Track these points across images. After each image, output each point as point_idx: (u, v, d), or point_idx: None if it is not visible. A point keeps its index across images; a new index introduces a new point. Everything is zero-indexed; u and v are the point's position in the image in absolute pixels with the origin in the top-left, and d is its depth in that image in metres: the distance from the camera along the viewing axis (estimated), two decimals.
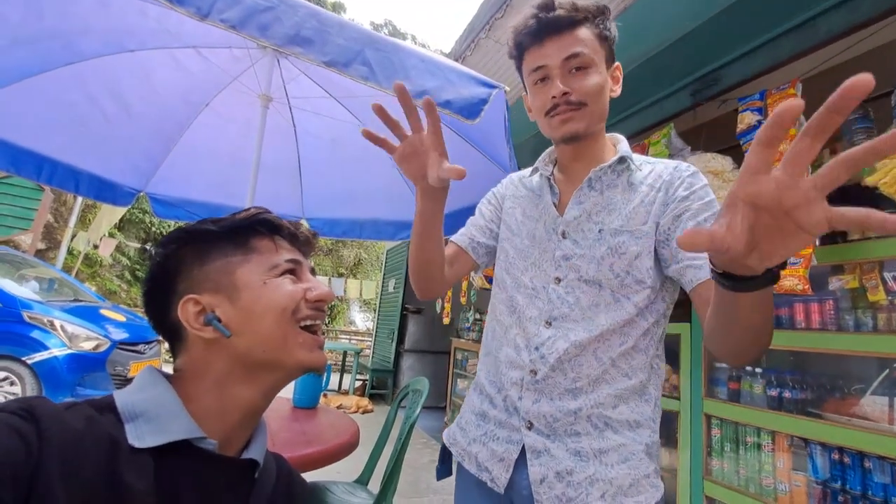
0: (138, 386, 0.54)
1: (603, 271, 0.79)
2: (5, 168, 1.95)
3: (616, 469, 0.73)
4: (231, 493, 0.55)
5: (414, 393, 1.89)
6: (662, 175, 0.83)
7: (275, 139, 2.36)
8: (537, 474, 0.75)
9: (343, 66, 1.02)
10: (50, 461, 0.42)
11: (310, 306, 0.60)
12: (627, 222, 0.80)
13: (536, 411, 0.78)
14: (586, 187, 0.85)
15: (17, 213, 7.67)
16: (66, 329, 3.69)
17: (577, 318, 0.79)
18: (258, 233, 0.62)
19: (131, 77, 1.95)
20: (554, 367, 0.78)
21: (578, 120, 0.81)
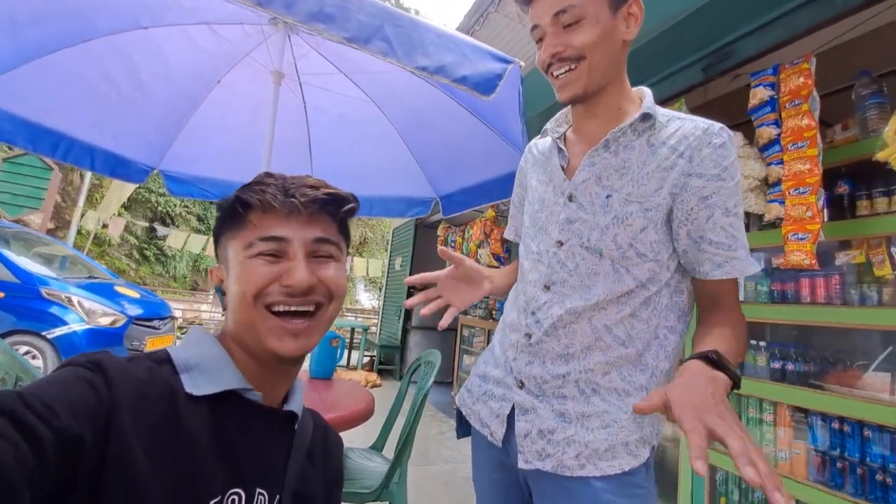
0: (190, 342, 0.59)
1: (605, 241, 0.76)
2: (23, 145, 1.99)
3: (595, 433, 0.74)
4: (275, 441, 0.60)
5: (426, 364, 1.95)
6: (689, 137, 0.74)
7: (285, 116, 2.37)
8: (522, 429, 0.79)
9: (364, 42, 1.04)
10: (120, 406, 0.46)
11: (282, 291, 0.58)
12: (638, 189, 0.75)
13: (528, 372, 0.80)
14: (602, 149, 0.79)
15: (28, 192, 7.74)
16: (83, 305, 3.79)
17: (575, 285, 0.78)
18: (250, 205, 0.59)
19: (145, 54, 1.96)
20: (548, 333, 0.79)
21: (575, 81, 0.76)
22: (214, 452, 0.52)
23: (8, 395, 0.41)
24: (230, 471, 0.53)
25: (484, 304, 4.69)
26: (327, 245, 0.62)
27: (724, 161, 0.73)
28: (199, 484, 0.50)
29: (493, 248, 4.26)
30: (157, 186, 15.76)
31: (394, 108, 2.31)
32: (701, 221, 0.73)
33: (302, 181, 0.61)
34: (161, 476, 0.47)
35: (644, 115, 0.77)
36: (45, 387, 0.44)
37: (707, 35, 2.26)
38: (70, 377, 0.46)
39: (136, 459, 0.45)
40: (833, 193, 1.82)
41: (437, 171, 2.55)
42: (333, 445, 0.74)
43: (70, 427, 0.41)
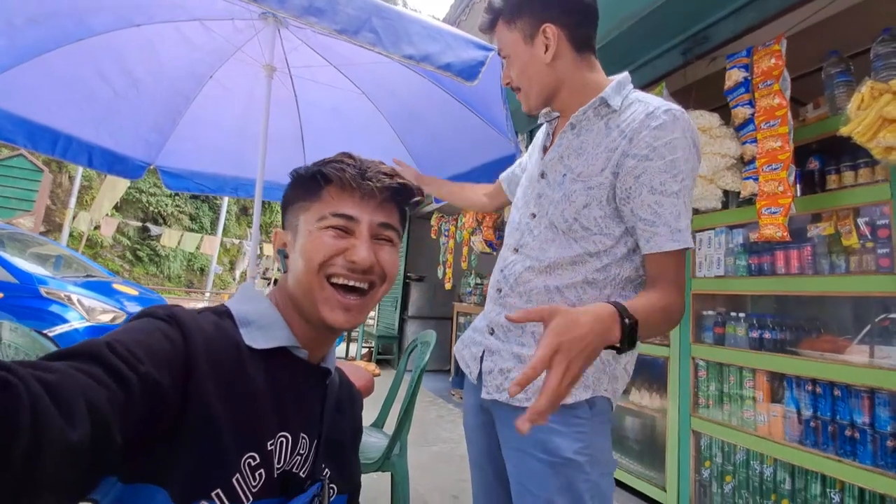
0: (245, 298, 0.66)
1: (556, 214, 0.87)
2: (23, 143, 2.03)
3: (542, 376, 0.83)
4: (313, 393, 0.68)
5: (422, 345, 2.04)
6: (634, 120, 0.81)
7: (277, 109, 2.43)
8: (487, 367, 0.92)
9: (353, 33, 1.11)
10: (196, 355, 0.52)
11: (344, 266, 0.63)
12: (586, 169, 0.84)
13: (497, 321, 0.92)
14: (568, 130, 0.89)
15: (19, 195, 7.72)
16: (83, 303, 3.83)
17: (535, 248, 0.90)
18: (329, 181, 0.64)
19: (139, 51, 2.00)
20: (512, 288, 0.91)
21: (525, 100, 0.93)
22: (269, 400, 0.59)
23: (97, 343, 0.45)
24: (280, 417, 0.60)
25: (478, 292, 4.78)
26: (389, 230, 0.67)
27: (657, 141, 0.77)
28: (259, 427, 0.57)
29: (486, 235, 4.34)
30: (147, 186, 15.66)
31: (384, 99, 2.37)
32: (635, 199, 0.80)
33: (377, 167, 0.65)
34: (231, 418, 0.53)
35: (601, 100, 0.85)
36: (128, 335, 0.48)
37: (685, 19, 2.33)
38: (149, 328, 0.51)
39: (211, 402, 0.51)
40: (804, 169, 1.91)
41: (428, 161, 2.61)
42: (356, 398, 0.81)
43: (151, 373, 0.46)
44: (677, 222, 0.78)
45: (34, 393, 0.35)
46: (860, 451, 1.63)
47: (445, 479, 2.70)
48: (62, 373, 0.39)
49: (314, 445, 0.65)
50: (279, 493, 0.58)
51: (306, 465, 0.63)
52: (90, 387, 0.40)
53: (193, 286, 17.54)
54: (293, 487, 0.60)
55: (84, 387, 0.40)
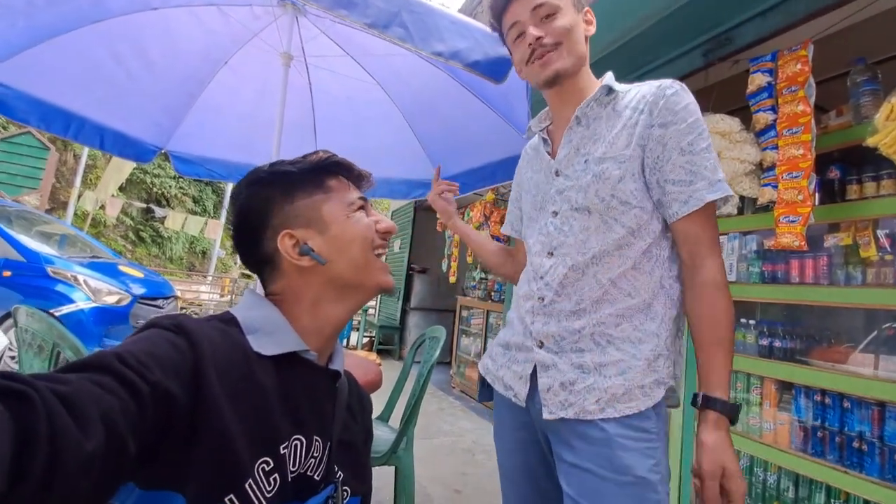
0: (250, 305, 0.65)
1: (590, 197, 0.86)
2: (36, 124, 2.02)
3: (612, 380, 0.81)
4: (324, 395, 0.68)
5: (431, 340, 2.04)
6: (646, 95, 0.86)
7: (291, 97, 2.39)
8: (545, 384, 0.86)
9: (383, 27, 1.09)
10: (204, 363, 0.52)
11: (379, 237, 0.71)
12: (610, 148, 0.86)
13: (545, 332, 0.88)
14: (574, 124, 0.91)
15: (25, 172, 7.71)
16: (89, 283, 3.84)
17: (573, 244, 0.87)
18: (330, 173, 0.71)
19: (154, 35, 1.98)
20: (557, 292, 0.87)
21: (557, 59, 0.88)
22: (281, 404, 0.59)
23: (107, 355, 0.46)
24: (293, 420, 0.60)
25: (483, 286, 4.78)
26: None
27: (677, 106, 0.82)
28: (272, 431, 0.57)
29: (493, 230, 4.33)
30: (152, 167, 15.62)
31: (399, 90, 2.35)
32: (664, 166, 0.82)
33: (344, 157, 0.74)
34: (242, 424, 0.53)
35: (604, 89, 0.90)
36: (136, 346, 0.49)
37: (708, 20, 2.29)
38: (156, 338, 0.52)
39: (221, 409, 0.51)
40: (824, 178, 1.89)
41: (440, 154, 2.60)
42: (365, 401, 0.82)
43: (162, 382, 0.46)
44: (714, 174, 0.81)
45: (50, 404, 0.36)
46: (867, 463, 1.63)
47: (447, 471, 2.72)
48: (76, 384, 0.40)
49: (327, 448, 0.65)
50: (294, 496, 0.59)
51: (320, 467, 0.64)
52: (103, 397, 0.41)
53: (195, 269, 17.58)
54: (307, 490, 0.61)
55: (97, 397, 0.40)
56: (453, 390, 4.89)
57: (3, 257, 3.73)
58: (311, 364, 0.66)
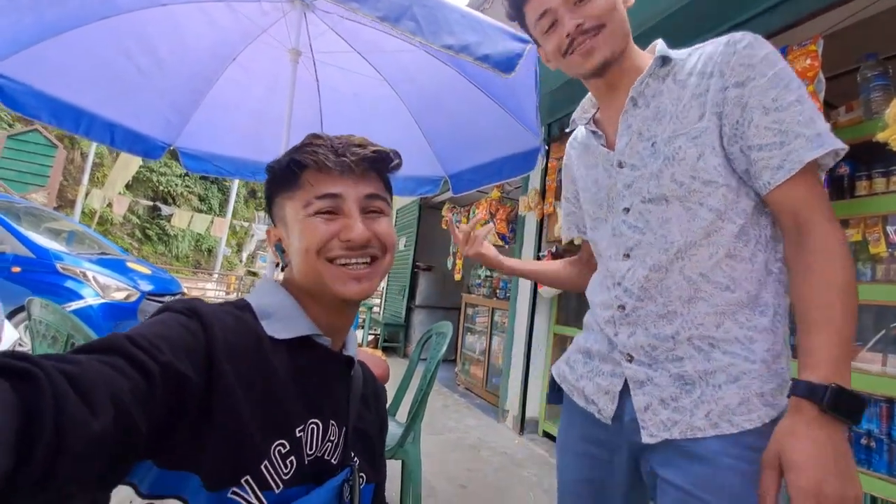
0: (263, 292, 0.66)
1: (665, 184, 0.74)
2: (47, 120, 2.03)
3: (724, 389, 0.69)
4: (339, 381, 0.68)
5: (438, 335, 2.04)
6: (713, 56, 0.73)
7: (298, 94, 2.41)
8: (641, 403, 0.75)
9: (394, 21, 1.09)
10: (217, 347, 0.52)
11: (342, 246, 0.62)
12: (681, 124, 0.74)
13: (633, 343, 0.77)
14: (631, 107, 0.80)
15: (33, 169, 7.79)
16: (97, 280, 3.88)
17: (651, 241, 0.76)
18: (304, 166, 0.63)
19: (164, 31, 1.99)
20: (640, 297, 0.76)
21: (602, 45, 0.76)
22: (296, 387, 0.59)
23: (118, 337, 0.46)
24: (309, 404, 0.60)
25: (488, 284, 4.78)
26: (377, 200, 0.66)
27: (753, 59, 0.69)
28: (287, 414, 0.57)
29: (499, 228, 4.33)
30: (158, 165, 15.73)
31: (406, 87, 2.35)
32: (745, 132, 0.69)
33: (349, 141, 0.65)
34: (256, 407, 0.53)
35: (658, 60, 0.78)
36: (148, 329, 0.49)
37: (717, 16, 2.28)
38: (169, 321, 0.52)
39: (234, 391, 0.52)
40: (834, 174, 1.88)
41: (446, 150, 2.60)
42: (380, 391, 0.82)
43: (173, 363, 0.46)
44: (811, 127, 0.66)
45: (57, 383, 0.35)
46: (875, 459, 1.62)
47: (453, 467, 2.72)
48: (84, 364, 0.40)
49: (343, 432, 0.65)
50: (312, 479, 0.59)
51: (337, 451, 0.64)
52: (113, 377, 0.40)
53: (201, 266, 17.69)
54: (326, 473, 0.61)
55: (106, 377, 0.40)
56: (458, 387, 4.90)
57: (13, 253, 3.77)
58: (325, 349, 0.66)
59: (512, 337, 3.79)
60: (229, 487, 0.51)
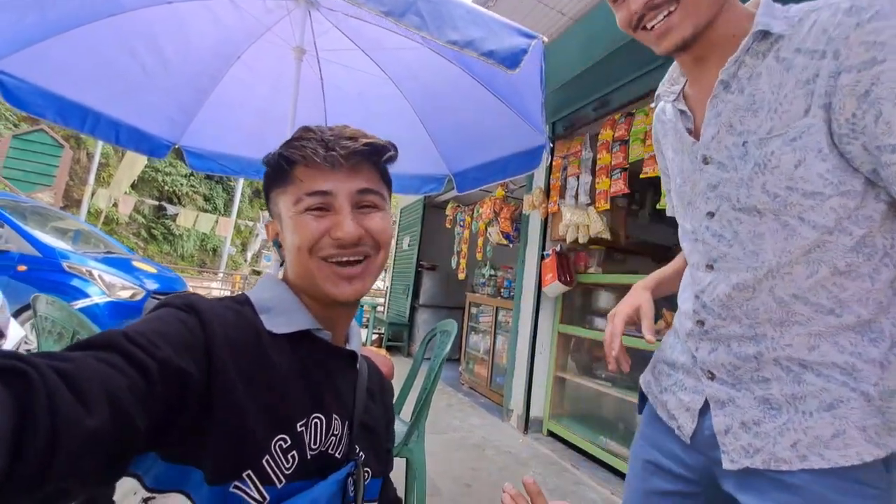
0: (264, 287, 0.66)
1: (755, 195, 0.63)
2: (53, 118, 2.04)
3: (815, 417, 0.61)
4: (342, 375, 0.68)
5: (442, 334, 2.04)
6: (828, 29, 0.56)
7: (302, 92, 2.40)
8: (721, 424, 0.68)
9: (399, 16, 1.09)
10: (217, 342, 0.52)
11: (332, 244, 0.61)
12: (780, 120, 0.60)
13: (714, 361, 0.70)
14: (721, 90, 0.66)
15: (40, 169, 7.84)
16: (103, 278, 3.90)
17: (738, 256, 0.66)
18: (293, 162, 0.61)
19: (168, 30, 2.00)
20: (721, 316, 0.68)
21: (679, 22, 0.62)
22: (297, 382, 0.59)
23: (114, 333, 0.45)
24: (312, 398, 0.60)
25: (492, 283, 4.77)
26: (371, 195, 0.64)
27: (881, 36, 0.52)
28: (289, 408, 0.57)
29: (503, 227, 4.32)
30: (163, 165, 15.80)
31: (410, 85, 2.34)
32: (872, 125, 0.54)
33: (341, 133, 0.62)
34: (256, 402, 0.53)
35: (757, 35, 0.62)
36: (146, 325, 0.49)
37: None
38: (167, 317, 0.52)
39: (234, 387, 0.52)
40: None
41: (451, 148, 2.59)
42: (386, 386, 0.81)
43: (171, 359, 0.46)
44: None
45: (50, 381, 0.35)
46: None
47: (457, 466, 2.72)
48: (79, 361, 0.39)
49: (346, 427, 0.65)
50: (316, 473, 0.59)
51: (341, 445, 0.63)
52: (108, 374, 0.40)
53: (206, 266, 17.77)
54: (329, 468, 0.60)
55: (102, 374, 0.40)
56: (462, 387, 4.90)
57: (20, 252, 3.80)
58: (326, 343, 0.66)
59: (516, 336, 3.78)
60: (231, 482, 0.51)
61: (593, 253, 3.36)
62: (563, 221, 3.25)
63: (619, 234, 3.33)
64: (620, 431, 2.98)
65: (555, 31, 3.00)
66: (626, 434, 2.93)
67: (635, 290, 0.89)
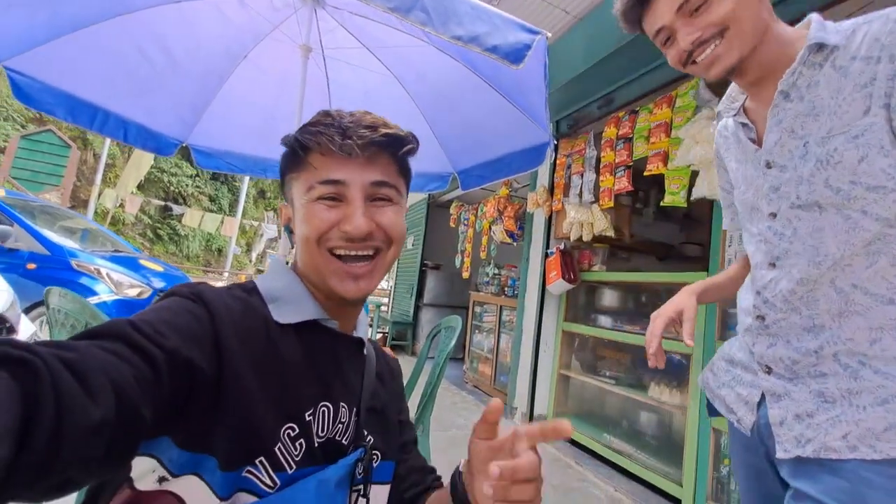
0: (273, 275, 0.65)
1: (818, 190, 0.66)
2: (63, 117, 2.07)
3: (868, 411, 0.64)
4: (350, 363, 0.68)
5: (447, 329, 2.05)
6: (880, 37, 0.62)
7: (308, 90, 2.43)
8: (776, 416, 0.72)
9: (405, 12, 1.10)
10: (225, 332, 0.52)
11: (341, 237, 0.59)
12: (840, 120, 0.65)
13: (772, 355, 0.73)
14: (781, 101, 0.71)
15: (48, 169, 7.91)
16: (111, 276, 3.93)
17: (799, 252, 0.69)
18: (309, 148, 0.60)
19: (177, 28, 2.02)
20: (782, 310, 0.72)
21: (726, 52, 0.68)
22: (305, 371, 0.59)
23: (121, 323, 0.45)
24: (319, 387, 0.60)
25: (496, 282, 4.78)
26: (386, 188, 0.62)
27: None
28: (297, 398, 0.57)
29: (507, 225, 4.33)
30: (169, 166, 15.91)
31: (415, 83, 2.36)
32: None
33: (360, 121, 0.60)
34: (264, 391, 0.54)
35: (812, 48, 0.67)
36: (154, 314, 0.49)
37: None
38: (175, 306, 0.52)
39: (243, 376, 0.52)
40: None
41: (455, 147, 2.60)
42: (395, 370, 0.81)
43: (179, 348, 0.46)
44: None
45: (55, 370, 0.35)
46: None
47: None
48: (84, 351, 0.39)
49: (354, 414, 0.65)
50: (323, 460, 0.59)
51: (348, 432, 0.64)
52: (114, 364, 0.40)
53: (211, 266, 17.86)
54: (337, 454, 0.61)
55: (107, 364, 0.39)
56: (466, 385, 4.91)
57: (29, 251, 3.84)
58: (333, 332, 0.65)
59: (520, 334, 3.79)
60: (243, 467, 0.52)
61: (597, 251, 3.36)
62: (568, 219, 3.25)
63: (624, 231, 3.33)
64: (624, 429, 2.98)
65: (559, 29, 3.01)
66: (630, 431, 2.94)
67: (681, 294, 0.91)
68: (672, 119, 2.45)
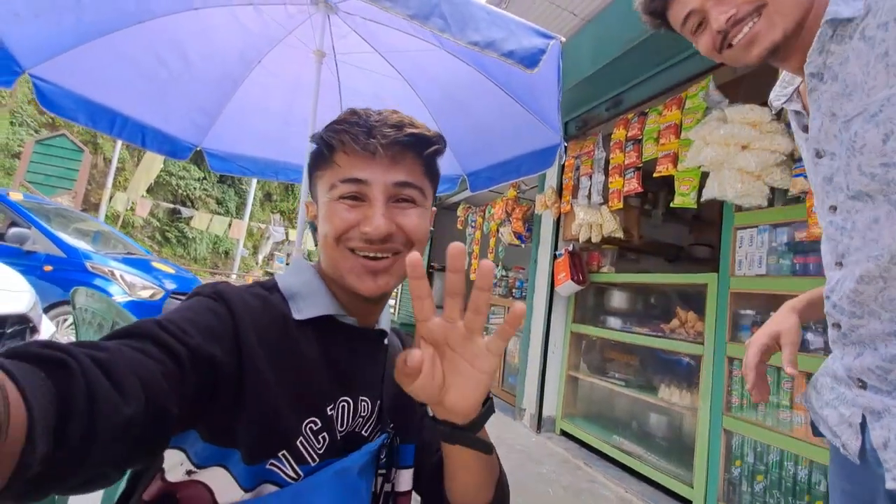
0: (293, 271, 0.67)
1: (855, 178, 0.60)
2: (84, 122, 2.12)
3: None
4: (371, 356, 0.69)
5: None
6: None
7: (321, 95, 2.47)
8: (879, 438, 0.60)
9: (423, 18, 1.13)
10: (245, 329, 0.54)
11: (360, 238, 0.59)
12: (867, 98, 0.57)
13: (861, 366, 0.63)
14: (817, 83, 0.64)
15: (61, 173, 8.02)
16: (125, 278, 3.99)
17: (859, 246, 0.62)
18: (334, 147, 0.60)
19: (193, 35, 2.07)
20: (854, 314, 0.63)
21: (766, 30, 0.62)
22: (325, 367, 0.60)
23: (148, 323, 0.47)
24: (339, 382, 0.61)
25: (504, 283, 4.79)
26: (409, 189, 0.61)
27: None
28: (317, 394, 0.58)
29: (515, 227, 4.34)
30: (177, 169, 16.06)
31: (426, 87, 2.39)
32: None
33: (385, 120, 0.59)
34: (286, 387, 0.55)
35: (828, 25, 0.60)
36: (177, 314, 0.51)
37: None
38: (197, 306, 0.53)
39: (264, 373, 0.53)
40: None
41: (465, 149, 2.63)
42: None
43: (202, 346, 0.48)
44: None
45: (88, 371, 0.36)
46: None
47: None
48: (114, 351, 0.41)
49: (377, 406, 0.66)
50: (344, 452, 0.60)
51: (368, 424, 0.65)
52: (142, 362, 0.42)
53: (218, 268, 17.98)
54: (358, 445, 0.62)
55: (136, 363, 0.41)
56: None
57: (46, 253, 3.91)
58: (351, 327, 0.65)
59: (528, 336, 3.80)
60: (267, 460, 0.53)
61: (606, 252, 3.37)
62: (576, 221, 3.27)
63: (632, 233, 3.34)
64: (634, 430, 2.98)
65: (566, 32, 3.03)
66: (640, 433, 2.94)
67: (781, 312, 0.80)
68: (682, 120, 2.46)
